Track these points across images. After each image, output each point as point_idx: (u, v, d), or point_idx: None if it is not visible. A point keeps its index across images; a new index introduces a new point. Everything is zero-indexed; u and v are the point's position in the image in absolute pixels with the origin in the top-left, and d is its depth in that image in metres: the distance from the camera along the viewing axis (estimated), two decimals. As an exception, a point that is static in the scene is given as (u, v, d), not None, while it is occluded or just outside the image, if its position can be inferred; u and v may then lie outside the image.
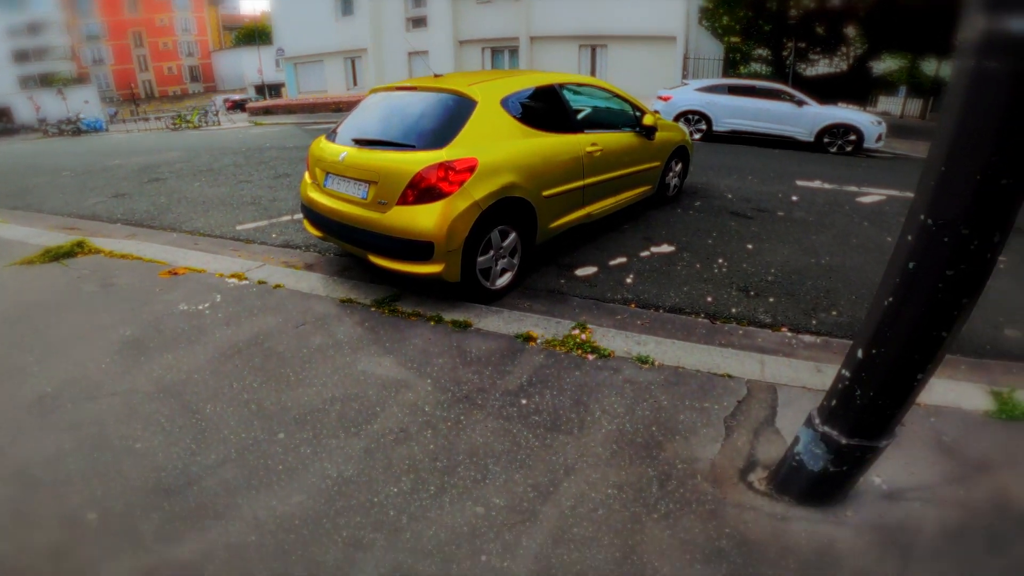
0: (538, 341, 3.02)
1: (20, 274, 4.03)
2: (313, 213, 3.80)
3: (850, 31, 28.13)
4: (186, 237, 4.99)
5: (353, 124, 3.87)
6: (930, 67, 27.90)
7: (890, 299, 1.50)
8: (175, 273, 3.96)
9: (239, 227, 5.21)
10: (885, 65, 29.54)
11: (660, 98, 11.61)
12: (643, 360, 2.85)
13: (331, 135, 3.92)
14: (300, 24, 23.79)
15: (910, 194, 1.50)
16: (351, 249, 3.64)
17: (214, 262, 4.17)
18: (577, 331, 3.10)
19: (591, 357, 2.88)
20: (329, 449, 2.18)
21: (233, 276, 3.87)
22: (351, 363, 2.79)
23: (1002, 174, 1.25)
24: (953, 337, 1.48)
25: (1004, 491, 2.04)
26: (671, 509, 1.91)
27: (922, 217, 1.39)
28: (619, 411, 2.45)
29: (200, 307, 3.40)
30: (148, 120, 26.17)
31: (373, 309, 3.38)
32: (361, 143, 3.57)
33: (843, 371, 1.72)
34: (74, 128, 23.83)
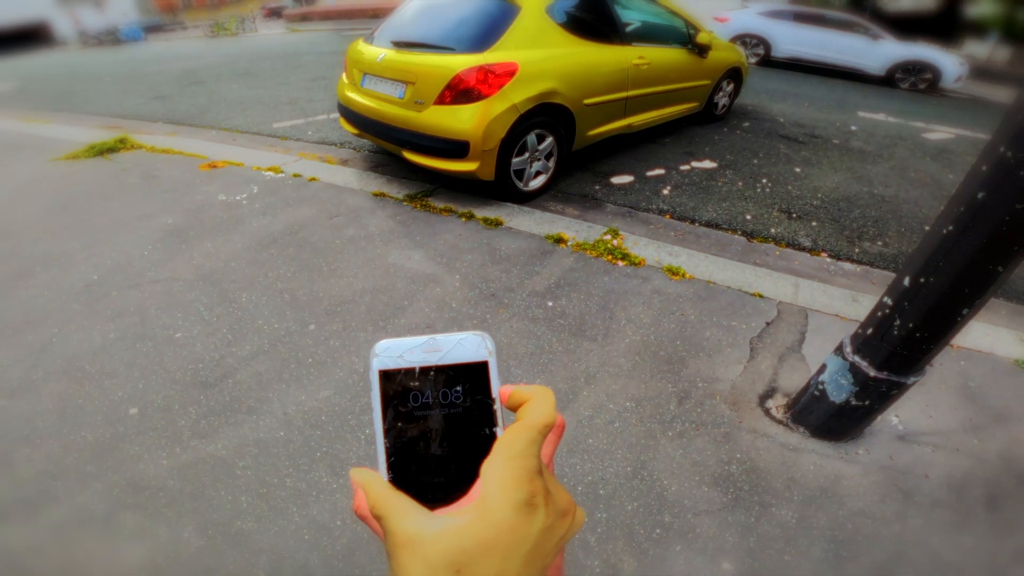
0: (568, 243, 2.99)
1: (66, 168, 4.15)
2: (349, 111, 3.78)
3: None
4: (225, 134, 5.02)
5: (393, 26, 3.78)
6: (1031, 13, 24.88)
7: (950, 227, 1.42)
8: (214, 166, 4.03)
9: (276, 125, 5.21)
10: (981, 8, 26.43)
11: (717, 19, 10.75)
12: (673, 271, 2.80)
13: (369, 37, 3.84)
14: (339, -73, 22.53)
15: (982, 135, 1.39)
16: (386, 146, 3.62)
17: (252, 156, 4.21)
18: (609, 236, 3.06)
19: (621, 263, 2.84)
20: (358, 343, 2.22)
21: (270, 169, 3.91)
22: (382, 255, 2.82)
23: None
24: (1008, 274, 1.42)
25: (1015, 446, 1.97)
26: (686, 428, 1.91)
27: (1002, 149, 1.31)
28: (645, 321, 2.42)
29: (238, 198, 3.47)
30: (186, 29, 25.84)
31: (406, 203, 3.39)
32: (400, 45, 3.50)
33: (885, 299, 1.65)
34: (113, 39, 23.72)
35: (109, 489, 1.64)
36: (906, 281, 1.56)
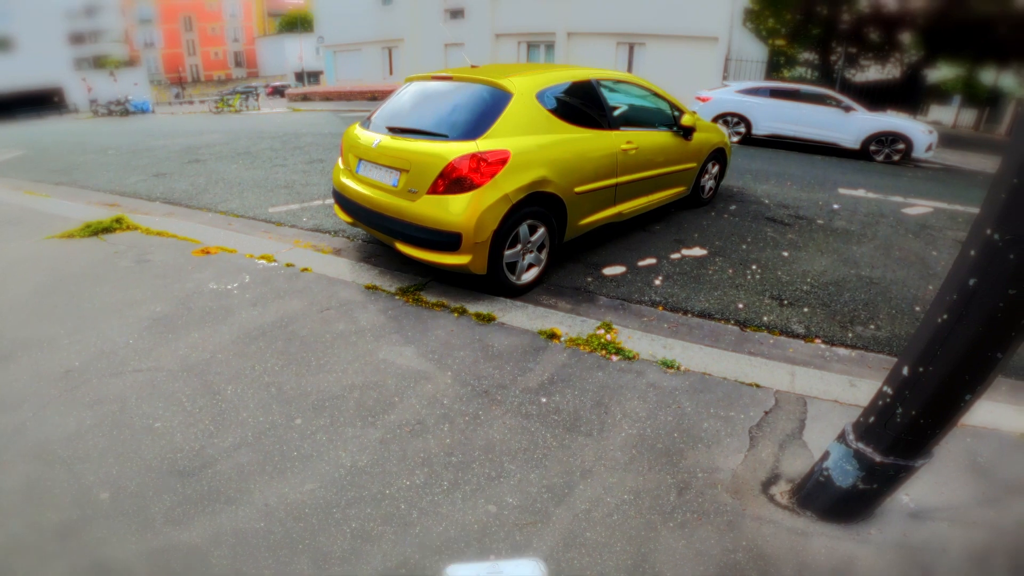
0: (562, 339, 2.97)
1: (60, 247, 4.17)
2: (344, 199, 3.83)
3: (905, 38, 26.97)
4: (220, 217, 5.10)
5: (388, 112, 3.88)
6: (988, 77, 26.59)
7: (944, 316, 1.41)
8: (207, 252, 4.05)
9: (272, 209, 5.30)
10: (940, 73, 28.25)
11: (699, 99, 11.35)
12: (668, 364, 2.77)
13: (366, 122, 3.93)
14: (341, 12, 24.16)
15: (959, 207, 1.41)
16: (379, 236, 3.65)
17: (246, 243, 4.25)
18: (602, 331, 3.04)
19: (615, 358, 2.81)
20: (345, 438, 2.17)
21: (263, 257, 3.92)
22: (373, 351, 2.79)
23: None
24: (1008, 359, 1.40)
25: None
26: (688, 518, 1.85)
27: (988, 231, 1.30)
28: (641, 415, 2.39)
29: (229, 287, 3.46)
30: (192, 103, 26.98)
31: (398, 297, 3.38)
32: (395, 131, 3.57)
33: (885, 388, 1.65)
34: (122, 109, 24.73)
35: (71, 570, 1.58)
36: (905, 370, 1.56)
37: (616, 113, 4.19)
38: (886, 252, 4.72)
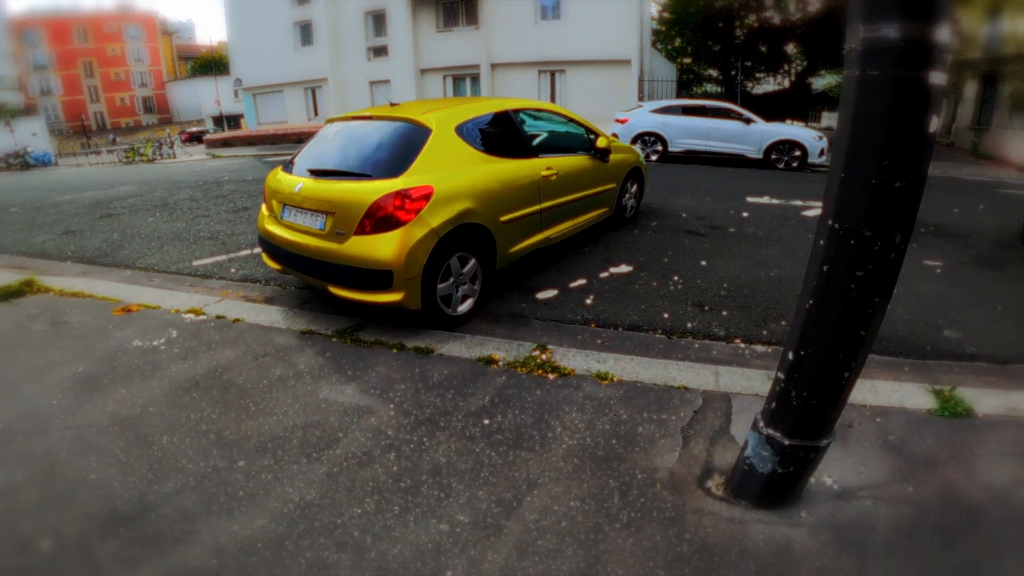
0: (500, 363, 3.07)
1: (-37, 317, 3.85)
2: (271, 246, 3.78)
3: (791, 48, 29.60)
4: (140, 274, 4.86)
5: (309, 155, 3.88)
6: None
7: (811, 302, 1.56)
8: (129, 310, 3.86)
9: (196, 263, 5.12)
10: (825, 81, 31.12)
11: (618, 120, 12.00)
12: (602, 376, 2.92)
13: (287, 166, 3.90)
14: (259, 54, 23.63)
15: None
16: (311, 281, 3.63)
17: (170, 298, 4.09)
18: (538, 352, 3.17)
19: (552, 376, 2.94)
20: (291, 474, 2.17)
21: (190, 312, 3.79)
22: (312, 392, 2.77)
23: (895, 177, 1.33)
24: (872, 335, 1.54)
25: (949, 487, 2.15)
26: (633, 518, 1.96)
27: (830, 222, 1.45)
28: (580, 426, 2.50)
29: (155, 343, 3.33)
30: (100, 153, 25.43)
31: (335, 339, 3.37)
32: (317, 174, 3.58)
33: (779, 374, 1.78)
34: (22, 162, 22.95)
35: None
36: (790, 355, 1.68)
37: (535, 141, 4.39)
38: (790, 253, 5.18)
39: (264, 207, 3.96)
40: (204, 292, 4.27)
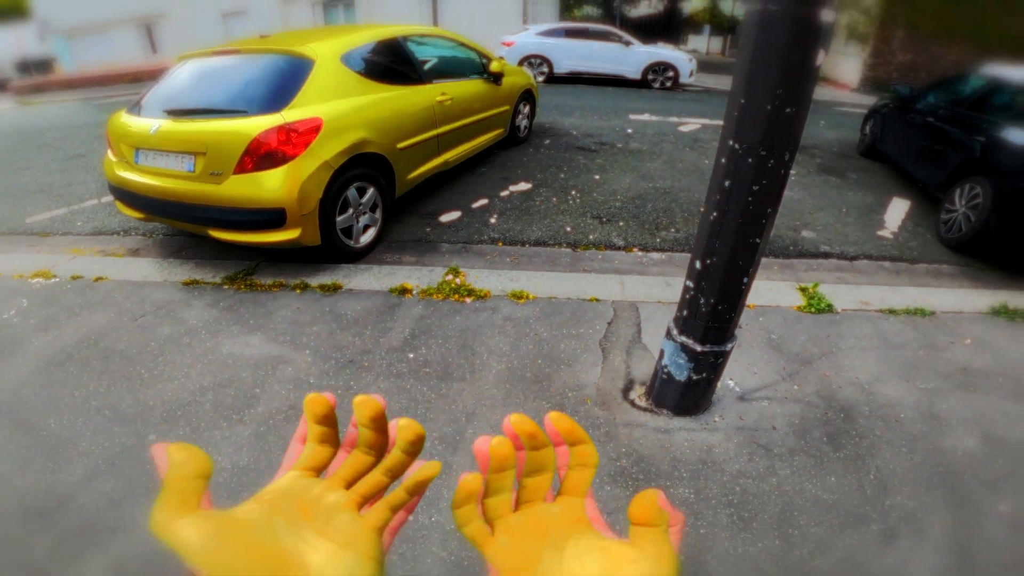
0: (414, 292, 3.01)
1: None
2: (127, 193, 3.32)
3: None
4: (-43, 240, 4.01)
5: (163, 94, 3.42)
6: (728, 7, 31.19)
7: (715, 214, 1.70)
8: (-48, 284, 3.20)
9: (30, 219, 4.30)
10: (692, 5, 32.25)
11: (504, 44, 11.61)
12: (518, 296, 2.99)
13: (135, 107, 3.44)
14: (70, -13, 19.23)
15: (718, 122, 1.69)
16: (185, 227, 3.25)
17: (7, 262, 3.44)
18: (451, 276, 3.15)
19: (469, 300, 2.95)
20: (214, 441, 2.02)
21: (38, 275, 3.23)
22: (213, 348, 2.55)
23: (787, 103, 1.45)
24: (765, 243, 1.72)
25: (825, 385, 2.41)
26: None
27: (731, 143, 1.58)
28: (504, 350, 2.55)
29: (4, 316, 2.82)
30: None
31: (226, 287, 3.08)
32: (177, 113, 3.19)
33: (688, 282, 1.90)
34: None
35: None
36: (697, 264, 1.82)
37: (427, 67, 4.19)
38: (672, 165, 5.52)
39: (110, 152, 3.45)
40: (49, 251, 3.63)
